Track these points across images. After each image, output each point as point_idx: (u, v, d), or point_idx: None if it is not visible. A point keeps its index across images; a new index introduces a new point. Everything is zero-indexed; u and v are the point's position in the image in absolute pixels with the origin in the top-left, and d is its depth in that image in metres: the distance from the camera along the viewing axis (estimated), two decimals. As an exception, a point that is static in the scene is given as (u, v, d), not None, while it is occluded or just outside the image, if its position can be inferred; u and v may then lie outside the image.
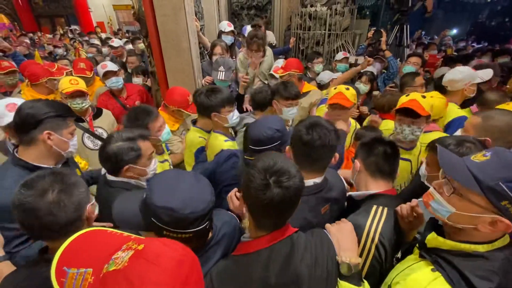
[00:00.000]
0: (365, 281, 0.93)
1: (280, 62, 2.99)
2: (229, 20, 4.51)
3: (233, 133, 2.16)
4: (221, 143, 1.79)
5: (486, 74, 2.44)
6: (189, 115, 2.29)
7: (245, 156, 1.50)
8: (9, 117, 1.44)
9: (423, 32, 10.75)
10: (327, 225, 1.03)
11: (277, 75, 2.83)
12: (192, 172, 0.99)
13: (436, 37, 8.57)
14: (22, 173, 1.18)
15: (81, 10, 12.77)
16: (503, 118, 1.41)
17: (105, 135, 2.19)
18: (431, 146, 1.29)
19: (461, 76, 2.19)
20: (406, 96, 1.68)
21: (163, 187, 0.86)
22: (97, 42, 6.96)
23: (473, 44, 9.43)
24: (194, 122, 2.07)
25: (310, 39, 4.24)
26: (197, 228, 0.85)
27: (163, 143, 1.82)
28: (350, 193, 1.28)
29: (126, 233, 0.65)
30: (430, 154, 1.29)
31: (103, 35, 9.35)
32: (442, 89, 2.28)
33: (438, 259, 0.80)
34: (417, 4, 4.81)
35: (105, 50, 5.35)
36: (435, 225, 0.92)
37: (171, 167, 1.94)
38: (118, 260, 0.54)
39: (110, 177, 1.32)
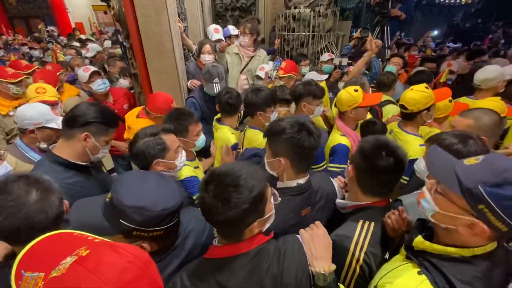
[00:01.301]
0: (341, 285, 0.92)
1: (268, 67, 3.00)
2: (213, 21, 4.46)
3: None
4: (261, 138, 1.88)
5: None
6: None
7: None
8: (57, 120, 1.64)
9: (403, 34, 11.13)
10: (301, 231, 0.99)
11: (263, 75, 2.82)
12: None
13: (411, 39, 8.88)
14: (57, 168, 1.28)
15: (58, 11, 12.29)
16: (491, 117, 1.50)
17: None
18: (432, 142, 1.27)
19: (495, 74, 2.39)
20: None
21: (129, 187, 0.85)
22: (76, 43, 6.72)
23: (448, 45, 9.83)
24: (218, 120, 2.18)
25: (295, 40, 4.27)
26: (168, 225, 0.86)
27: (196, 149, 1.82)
28: (338, 202, 1.25)
29: (92, 236, 0.63)
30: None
31: (83, 37, 9.03)
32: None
33: (425, 262, 0.81)
34: (396, 6, 4.96)
35: (85, 52, 5.17)
36: (423, 227, 0.92)
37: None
38: (62, 266, 0.52)
39: None
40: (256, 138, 1.91)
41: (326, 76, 3.19)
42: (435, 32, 12.47)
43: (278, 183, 1.23)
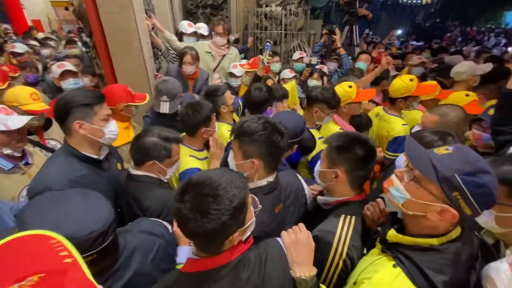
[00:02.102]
0: (323, 286, 0.93)
1: (243, 62, 2.98)
2: (184, 19, 4.34)
3: None
4: None
5: (486, 67, 2.86)
6: (137, 108, 2.03)
7: None
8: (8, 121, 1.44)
9: (371, 32, 11.64)
10: (283, 234, 0.95)
11: (238, 71, 2.79)
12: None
13: (378, 37, 9.32)
14: (71, 160, 1.28)
15: (11, 7, 11.27)
16: (456, 113, 1.59)
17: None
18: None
19: (466, 68, 2.72)
20: None
21: (42, 216, 0.76)
22: (34, 43, 6.20)
23: (412, 43, 10.44)
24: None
25: (268, 38, 4.28)
26: (100, 247, 0.78)
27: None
28: (319, 198, 1.25)
29: (64, 253, 0.55)
30: None
31: (41, 35, 8.35)
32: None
33: (399, 255, 0.83)
34: (364, 6, 5.16)
35: (46, 51, 4.77)
36: (395, 220, 0.95)
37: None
38: None
39: (134, 171, 1.36)
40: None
41: (292, 75, 3.23)
42: (399, 31, 13.17)
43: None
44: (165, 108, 2.07)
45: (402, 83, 2.18)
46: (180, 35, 3.40)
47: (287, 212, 1.25)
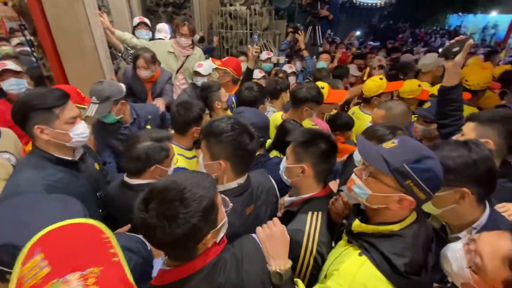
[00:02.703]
0: (298, 280, 0.94)
1: (208, 62, 2.88)
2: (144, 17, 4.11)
3: None
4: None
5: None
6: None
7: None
8: None
9: (332, 33, 12.18)
10: (258, 230, 0.96)
11: (204, 70, 2.69)
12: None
13: (338, 38, 9.79)
14: (44, 164, 1.18)
15: None
16: (399, 107, 1.74)
17: (13, 161, 1.63)
18: (368, 135, 1.36)
19: (431, 60, 3.02)
20: None
21: (7, 222, 0.70)
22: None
23: (369, 43, 11.15)
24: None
25: (233, 38, 4.23)
26: None
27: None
28: (286, 200, 1.27)
29: (114, 250, 0.57)
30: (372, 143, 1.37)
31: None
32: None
33: (364, 244, 0.88)
34: (324, 7, 5.33)
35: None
36: (358, 211, 1.00)
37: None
38: (61, 285, 0.48)
39: (131, 180, 1.30)
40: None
41: (261, 75, 3.23)
42: (358, 32, 13.96)
43: (217, 187, 1.19)
44: (91, 111, 1.73)
45: (374, 82, 2.38)
46: (132, 31, 3.21)
47: (259, 212, 1.25)
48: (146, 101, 2.57)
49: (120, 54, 2.74)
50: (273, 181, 1.38)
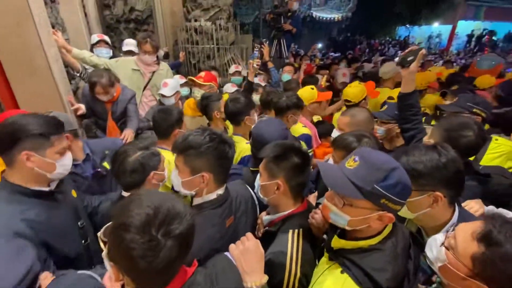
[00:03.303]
0: None
1: (175, 80, 2.81)
2: (103, 34, 3.95)
3: None
4: (245, 145, 1.88)
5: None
6: None
7: (251, 168, 1.53)
8: None
9: (296, 46, 12.75)
10: (231, 247, 0.93)
11: (168, 91, 2.61)
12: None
13: (302, 50, 10.28)
14: (17, 199, 1.07)
15: None
16: (363, 114, 1.81)
17: None
18: (336, 144, 1.38)
19: (389, 68, 3.34)
20: None
21: None
22: None
23: (331, 54, 11.85)
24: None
25: (200, 53, 4.21)
26: None
27: None
28: (265, 218, 1.23)
29: None
30: (336, 152, 1.38)
31: None
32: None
33: (345, 261, 0.87)
34: (287, 22, 5.57)
35: None
36: (337, 226, 0.98)
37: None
38: None
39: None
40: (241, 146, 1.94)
41: (234, 89, 3.23)
42: (320, 45, 14.76)
43: (195, 199, 1.16)
44: None
45: (356, 88, 2.55)
46: (91, 48, 3.06)
47: (238, 224, 1.22)
48: (107, 122, 2.42)
49: (78, 74, 2.57)
50: (251, 191, 1.34)
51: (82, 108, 2.32)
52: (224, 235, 1.11)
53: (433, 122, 2.71)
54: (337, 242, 0.91)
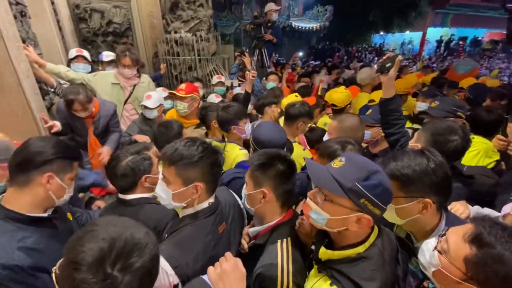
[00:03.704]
0: None
1: (158, 92, 2.75)
2: (80, 48, 3.82)
3: None
4: (238, 151, 1.92)
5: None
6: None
7: None
8: None
9: (277, 55, 12.99)
10: (209, 270, 0.90)
11: (152, 103, 2.53)
12: None
13: (284, 59, 10.49)
14: (11, 227, 1.01)
15: None
16: (351, 120, 1.82)
17: None
18: (321, 151, 1.38)
19: (366, 75, 3.49)
20: None
21: None
22: None
23: (311, 62, 12.15)
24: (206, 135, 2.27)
25: (181, 64, 4.16)
26: None
27: None
28: (251, 230, 1.20)
29: None
30: (321, 159, 1.38)
31: None
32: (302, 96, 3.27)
33: (333, 272, 0.86)
34: (268, 32, 5.65)
35: None
36: (324, 236, 0.97)
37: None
38: None
39: (127, 196, 1.33)
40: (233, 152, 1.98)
41: (219, 100, 3.20)
42: (300, 53, 15.12)
43: (185, 211, 1.13)
44: None
45: (342, 94, 2.62)
46: (68, 63, 2.96)
47: (231, 229, 1.21)
48: (87, 139, 2.30)
49: (52, 89, 2.45)
50: (235, 195, 1.35)
51: (57, 125, 2.20)
52: (218, 241, 1.11)
53: (408, 123, 2.84)
54: (324, 253, 0.90)
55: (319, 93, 3.85)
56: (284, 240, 1.07)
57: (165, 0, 4.19)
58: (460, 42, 17.97)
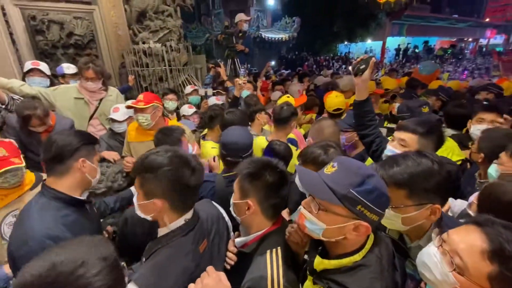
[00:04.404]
0: None
1: (129, 103, 2.57)
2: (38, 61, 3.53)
3: None
4: (210, 149, 2.11)
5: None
6: None
7: (223, 175, 1.56)
8: None
9: (249, 65, 13.17)
10: (189, 287, 0.85)
11: (120, 115, 2.36)
12: None
13: (256, 69, 10.68)
14: (56, 205, 1.17)
15: None
16: (326, 123, 1.86)
17: None
18: (304, 158, 1.34)
19: (346, 81, 3.70)
20: None
21: None
22: None
23: (283, 71, 12.47)
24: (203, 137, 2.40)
25: (151, 75, 4.00)
26: None
27: None
28: (237, 241, 1.13)
29: None
30: (305, 166, 1.33)
31: None
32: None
33: (330, 283, 0.82)
34: (239, 42, 5.68)
35: None
36: (317, 244, 0.93)
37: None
38: None
39: None
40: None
41: (193, 111, 3.09)
42: (273, 62, 15.48)
43: (160, 231, 1.03)
44: None
45: (339, 98, 2.76)
46: (23, 76, 2.70)
47: (213, 246, 1.10)
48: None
49: (3, 106, 2.20)
50: (219, 207, 1.25)
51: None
52: (199, 262, 1.01)
53: (385, 124, 2.95)
54: (319, 263, 0.85)
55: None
56: (274, 250, 1.01)
57: (131, 10, 4.03)
58: (416, 50, 19.67)
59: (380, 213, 0.78)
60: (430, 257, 0.78)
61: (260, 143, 2.13)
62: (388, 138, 1.74)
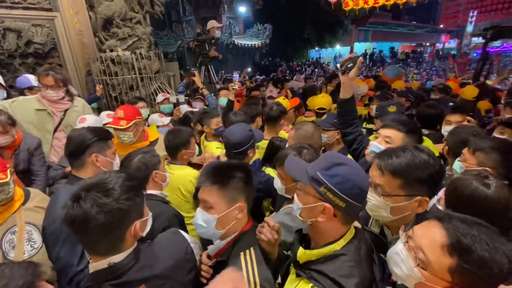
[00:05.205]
0: None
1: (103, 114, 2.44)
2: (-9, 72, 3.24)
3: None
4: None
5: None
6: None
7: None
8: None
9: (223, 71, 13.16)
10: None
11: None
12: None
13: (231, 75, 10.69)
14: None
15: None
16: (305, 127, 1.83)
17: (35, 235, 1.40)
18: (279, 160, 1.36)
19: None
20: None
21: None
22: None
23: (257, 77, 12.59)
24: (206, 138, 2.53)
25: (121, 84, 3.83)
26: None
27: None
28: (210, 249, 1.10)
29: None
30: (280, 168, 1.35)
31: None
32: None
33: (312, 273, 0.85)
34: (212, 48, 5.65)
35: None
36: (302, 238, 0.97)
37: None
38: None
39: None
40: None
41: (168, 119, 2.98)
42: (249, 69, 15.60)
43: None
44: None
45: (327, 98, 2.96)
46: None
47: None
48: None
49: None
50: (187, 236, 1.11)
51: None
52: None
53: (364, 124, 3.09)
54: (303, 254, 0.89)
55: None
56: (247, 251, 1.03)
57: (96, 17, 3.84)
58: (382, 54, 20.93)
59: (346, 200, 0.82)
60: (397, 255, 0.81)
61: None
62: (369, 138, 1.80)
